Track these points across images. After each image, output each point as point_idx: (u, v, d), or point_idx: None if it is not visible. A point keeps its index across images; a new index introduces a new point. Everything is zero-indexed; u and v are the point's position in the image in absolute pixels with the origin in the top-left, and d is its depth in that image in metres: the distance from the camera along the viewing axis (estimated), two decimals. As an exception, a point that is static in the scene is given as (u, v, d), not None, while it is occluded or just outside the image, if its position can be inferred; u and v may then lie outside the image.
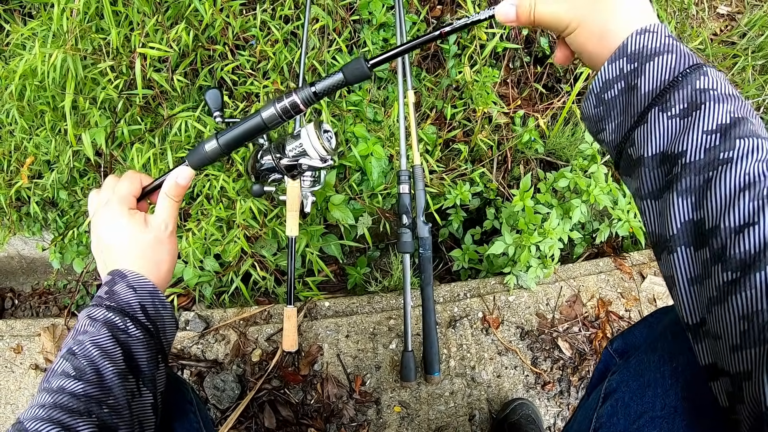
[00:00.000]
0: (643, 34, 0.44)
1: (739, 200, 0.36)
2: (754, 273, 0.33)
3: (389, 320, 1.19)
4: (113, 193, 0.57)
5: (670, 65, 0.42)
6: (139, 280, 0.54)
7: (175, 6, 1.22)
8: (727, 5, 2.05)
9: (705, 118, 0.40)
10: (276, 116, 0.51)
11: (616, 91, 0.45)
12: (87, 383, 0.47)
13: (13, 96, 1.27)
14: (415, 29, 1.26)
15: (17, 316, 1.67)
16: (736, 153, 0.38)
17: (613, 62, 0.45)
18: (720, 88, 0.41)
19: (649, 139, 0.43)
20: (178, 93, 1.20)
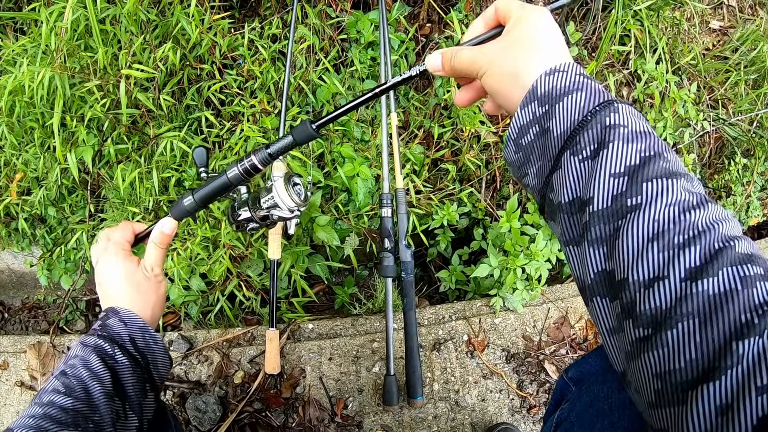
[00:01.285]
0: (553, 74, 0.42)
1: (647, 252, 0.34)
2: (665, 331, 0.32)
3: (373, 343, 1.18)
4: (109, 241, 0.65)
5: (580, 104, 0.41)
6: (130, 316, 0.61)
7: (162, 25, 1.23)
8: (719, 20, 2.04)
9: (612, 159, 0.38)
10: (239, 176, 0.59)
11: (532, 136, 0.44)
12: (75, 399, 0.51)
13: (3, 112, 1.27)
14: (403, 48, 1.26)
15: (7, 330, 1.67)
16: (644, 198, 0.36)
17: (525, 106, 0.43)
18: (631, 124, 0.39)
19: (564, 185, 0.41)
20: (165, 112, 1.20)
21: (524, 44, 0.44)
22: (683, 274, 0.32)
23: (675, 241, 0.33)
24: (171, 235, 0.65)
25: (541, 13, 0.46)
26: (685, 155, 1.59)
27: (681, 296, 0.32)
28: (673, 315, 0.32)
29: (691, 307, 0.31)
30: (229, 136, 1.19)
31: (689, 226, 0.34)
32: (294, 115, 1.16)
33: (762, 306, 0.30)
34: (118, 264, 0.63)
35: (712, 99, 1.86)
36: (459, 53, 0.48)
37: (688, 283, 0.32)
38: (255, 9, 1.30)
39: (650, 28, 1.60)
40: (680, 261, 0.33)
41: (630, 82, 1.58)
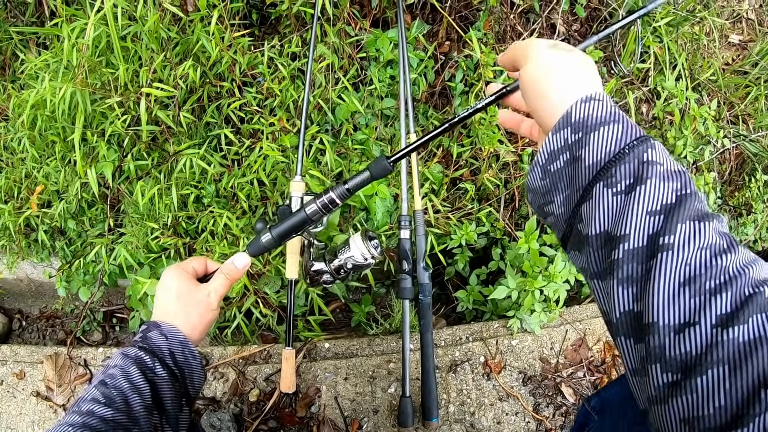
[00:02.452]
0: (588, 102, 0.42)
1: (679, 296, 0.34)
2: (695, 377, 0.32)
3: (389, 363, 1.17)
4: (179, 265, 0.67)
5: (616, 136, 0.40)
6: (171, 330, 0.61)
7: (183, 42, 1.24)
8: (738, 34, 2.01)
9: (649, 196, 0.37)
10: (317, 211, 0.61)
11: (562, 163, 0.43)
12: (116, 411, 0.52)
13: (25, 125, 1.29)
14: (422, 66, 1.26)
15: (24, 338, 1.69)
16: (677, 239, 0.35)
17: (558, 132, 0.43)
18: (667, 163, 0.39)
19: (594, 217, 0.40)
20: (185, 129, 1.21)
21: (559, 69, 0.45)
22: (714, 321, 0.32)
23: (707, 287, 0.33)
24: (242, 271, 0.66)
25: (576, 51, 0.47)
26: (706, 173, 1.57)
27: (712, 343, 0.32)
28: (704, 362, 0.31)
29: (722, 354, 0.31)
30: (249, 154, 1.19)
31: (721, 271, 0.34)
32: (313, 134, 1.17)
33: None
34: (175, 280, 0.64)
35: (732, 115, 1.83)
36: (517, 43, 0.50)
37: (719, 330, 0.32)
38: (275, 27, 1.31)
39: (669, 45, 1.59)
40: (712, 307, 0.32)
41: (650, 99, 1.57)
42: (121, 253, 1.24)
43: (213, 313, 0.66)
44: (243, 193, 1.18)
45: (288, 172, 1.18)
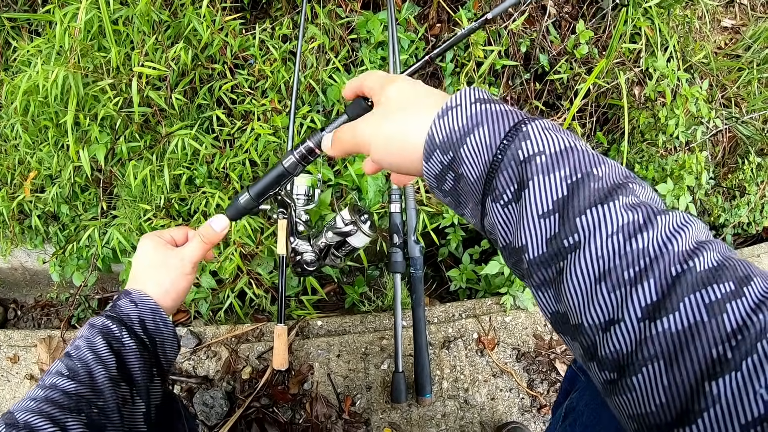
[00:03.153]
0: (446, 114, 0.38)
1: (596, 294, 0.31)
2: (630, 376, 0.29)
3: (381, 340, 1.18)
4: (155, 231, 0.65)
5: (485, 142, 0.36)
6: (142, 297, 0.58)
7: (174, 26, 1.24)
8: (731, 18, 2.02)
9: (536, 199, 0.33)
10: (295, 163, 0.56)
11: (451, 182, 0.39)
12: (79, 383, 0.50)
13: (18, 111, 1.29)
14: (413, 48, 1.26)
15: (20, 327, 1.69)
16: (582, 235, 0.31)
17: (429, 158, 0.39)
18: (548, 146, 0.34)
19: (495, 231, 0.37)
20: (177, 111, 1.22)
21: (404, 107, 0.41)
22: (640, 314, 0.29)
23: (625, 278, 0.30)
24: (220, 234, 0.62)
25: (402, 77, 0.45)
26: (698, 153, 1.57)
27: (641, 339, 0.29)
28: (636, 359, 0.29)
29: (653, 349, 0.28)
30: (240, 135, 1.20)
31: (639, 255, 0.30)
32: (304, 113, 1.17)
33: (735, 335, 0.26)
34: (149, 247, 0.61)
35: (725, 97, 1.83)
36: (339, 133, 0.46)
37: (647, 323, 0.29)
38: (266, 10, 1.31)
39: (661, 26, 1.59)
40: (634, 300, 0.29)
41: (641, 81, 1.57)
42: (114, 235, 1.25)
43: (187, 278, 0.62)
44: (235, 174, 1.18)
45: (280, 152, 1.18)
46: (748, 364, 0.25)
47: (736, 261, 0.30)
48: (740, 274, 0.29)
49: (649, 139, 1.57)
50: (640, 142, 1.57)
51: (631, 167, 1.53)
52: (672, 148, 1.62)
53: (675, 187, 1.48)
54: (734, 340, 0.26)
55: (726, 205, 1.81)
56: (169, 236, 0.65)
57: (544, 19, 1.36)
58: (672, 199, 1.47)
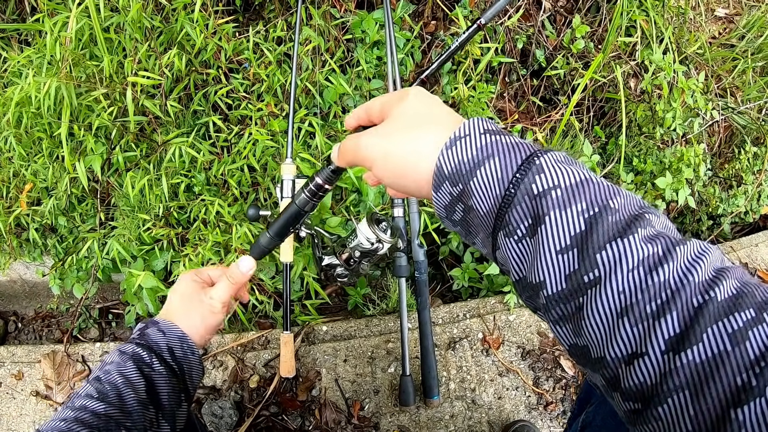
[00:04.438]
0: (454, 145, 0.36)
1: (619, 329, 0.30)
2: (656, 407, 0.29)
3: (387, 343, 1.17)
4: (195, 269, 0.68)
5: (496, 176, 0.35)
6: (169, 327, 0.61)
7: (167, 31, 1.23)
8: (724, 8, 2.02)
9: (554, 234, 0.33)
10: (307, 200, 0.57)
11: (461, 213, 0.39)
12: (108, 405, 0.51)
13: (11, 124, 1.28)
14: (409, 46, 1.25)
15: (20, 340, 1.67)
16: (602, 271, 0.31)
17: (438, 189, 0.38)
18: (563, 180, 0.33)
19: (509, 265, 0.37)
20: (172, 118, 1.20)
21: (412, 126, 0.40)
22: (664, 347, 0.29)
23: (647, 311, 0.30)
24: (247, 274, 0.65)
25: (417, 90, 0.43)
26: (695, 145, 1.58)
27: (666, 371, 0.29)
28: (661, 391, 0.29)
29: (679, 381, 0.28)
30: (238, 140, 1.19)
31: (660, 288, 0.30)
32: (302, 117, 1.16)
33: (758, 362, 0.27)
34: (183, 283, 0.65)
35: (720, 88, 1.84)
36: (343, 146, 0.45)
37: (671, 356, 0.29)
38: (259, 12, 1.30)
39: (656, 18, 1.59)
40: (657, 333, 0.29)
41: (637, 74, 1.57)
42: (114, 246, 1.23)
43: (215, 317, 0.65)
44: (234, 180, 1.17)
45: (278, 156, 1.17)
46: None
47: (753, 286, 0.30)
48: (759, 300, 0.29)
49: (646, 132, 1.57)
50: (637, 135, 1.57)
51: (629, 160, 1.53)
52: (669, 140, 1.62)
53: (674, 180, 1.48)
54: (758, 368, 0.27)
55: (723, 195, 1.81)
56: (206, 275, 0.68)
57: (539, 14, 1.36)
58: (671, 192, 1.48)
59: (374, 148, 0.41)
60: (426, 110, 0.41)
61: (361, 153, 0.42)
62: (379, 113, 0.45)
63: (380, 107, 0.44)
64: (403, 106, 0.41)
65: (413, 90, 0.43)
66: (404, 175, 0.40)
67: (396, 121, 0.41)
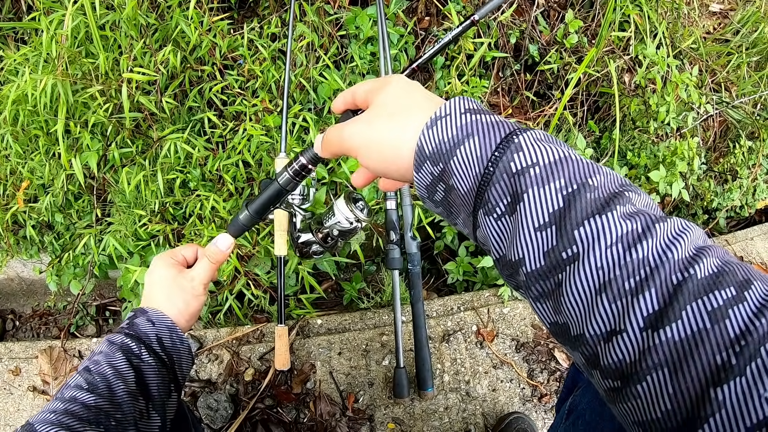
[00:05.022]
0: (434, 125, 0.37)
1: (597, 306, 0.31)
2: (634, 384, 0.29)
3: (382, 336, 1.18)
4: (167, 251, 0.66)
5: (476, 154, 0.35)
6: (159, 316, 0.61)
7: (162, 28, 1.23)
8: (719, 3, 2.02)
9: (532, 211, 0.33)
10: (290, 179, 0.57)
11: (442, 192, 0.39)
12: (98, 396, 0.51)
13: (7, 121, 1.28)
14: (402, 42, 1.26)
15: (18, 338, 1.68)
16: (581, 247, 0.31)
17: (420, 169, 0.38)
18: (542, 157, 0.34)
19: (488, 244, 0.37)
20: (168, 115, 1.21)
21: (393, 112, 0.40)
22: (642, 324, 0.29)
23: (626, 288, 0.30)
24: (225, 252, 0.64)
25: (399, 78, 0.44)
26: (689, 139, 1.58)
27: (644, 348, 0.29)
28: (640, 368, 0.29)
29: (657, 358, 0.28)
30: (233, 136, 1.19)
31: (639, 264, 0.30)
32: (296, 112, 1.17)
33: (738, 340, 0.27)
34: (161, 267, 0.63)
35: (715, 82, 1.84)
36: (327, 135, 0.45)
37: (650, 333, 0.29)
38: (253, 9, 1.30)
39: (649, 13, 1.59)
40: (636, 310, 0.29)
41: (631, 68, 1.58)
42: (110, 242, 1.24)
43: (198, 299, 0.64)
44: (229, 176, 1.18)
45: (273, 152, 1.18)
46: (752, 368, 0.26)
47: (735, 265, 0.30)
48: (740, 279, 0.29)
49: (640, 126, 1.58)
50: (631, 129, 1.57)
51: (623, 154, 1.54)
52: (663, 134, 1.63)
53: (668, 173, 1.49)
54: (738, 346, 0.26)
55: (718, 189, 1.82)
56: (180, 256, 0.67)
57: (532, 9, 1.37)
58: (665, 185, 1.48)
59: (357, 136, 0.42)
60: (407, 97, 0.41)
61: (346, 143, 0.43)
62: (363, 99, 0.45)
63: (363, 94, 0.45)
64: (384, 94, 0.42)
65: (394, 78, 0.44)
66: (389, 161, 0.40)
67: (378, 109, 0.42)
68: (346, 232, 0.78)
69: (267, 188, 0.59)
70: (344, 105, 0.48)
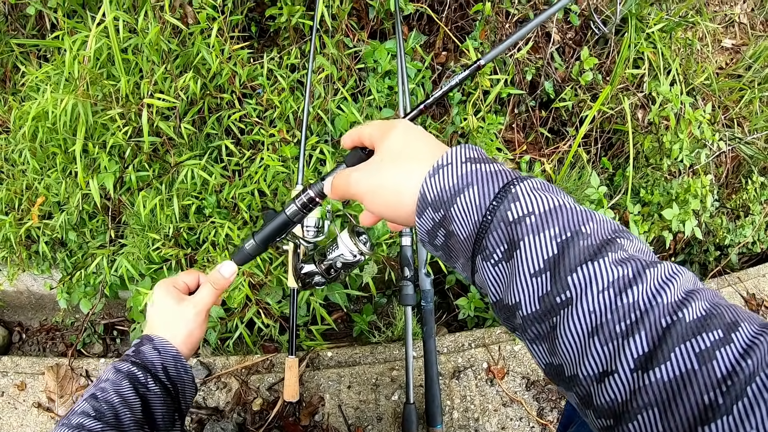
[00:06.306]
0: (437, 173, 0.39)
1: (590, 348, 0.32)
2: (626, 423, 0.30)
3: (392, 371, 1.18)
4: (168, 278, 0.67)
5: (475, 202, 0.37)
6: (164, 345, 0.62)
7: (183, 55, 1.25)
8: (731, 38, 2.04)
9: (528, 258, 0.34)
10: (297, 211, 0.58)
11: (443, 237, 0.40)
12: (105, 424, 0.52)
13: (26, 137, 1.30)
14: (420, 77, 1.27)
15: (24, 351, 1.68)
16: (574, 292, 0.33)
17: (422, 214, 0.40)
18: (537, 207, 0.35)
19: (486, 287, 0.38)
20: (186, 140, 1.22)
21: (397, 160, 0.42)
22: (633, 365, 0.30)
23: (617, 331, 0.31)
24: (228, 279, 0.65)
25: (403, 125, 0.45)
26: (702, 176, 1.59)
27: (635, 389, 0.30)
28: (631, 408, 0.30)
29: (647, 398, 0.29)
30: (249, 165, 1.20)
31: (630, 308, 0.31)
32: (313, 144, 1.18)
33: (725, 380, 0.28)
34: (162, 295, 0.64)
35: (728, 118, 1.85)
36: (336, 180, 0.47)
37: (640, 374, 0.30)
38: (273, 39, 1.32)
39: (663, 50, 1.61)
40: (627, 352, 0.30)
41: (645, 105, 1.59)
42: (123, 264, 1.25)
43: (201, 327, 0.65)
44: (244, 204, 1.18)
45: (289, 182, 1.19)
46: (738, 407, 0.27)
47: (723, 308, 0.31)
48: (728, 321, 0.30)
49: (653, 164, 1.58)
50: (644, 166, 1.58)
51: (637, 192, 1.54)
52: (677, 171, 1.63)
53: (681, 211, 1.49)
54: (725, 386, 0.28)
55: (731, 226, 1.81)
56: (182, 283, 0.67)
57: (548, 46, 1.38)
58: (678, 223, 1.48)
59: (363, 182, 0.44)
60: (409, 144, 0.43)
61: (352, 189, 0.45)
62: (368, 141, 0.48)
63: (369, 137, 0.47)
64: (388, 142, 0.44)
65: (398, 124, 0.46)
66: (392, 207, 0.43)
67: (382, 156, 0.44)
68: (349, 265, 0.78)
69: (274, 219, 0.60)
70: (352, 143, 0.50)
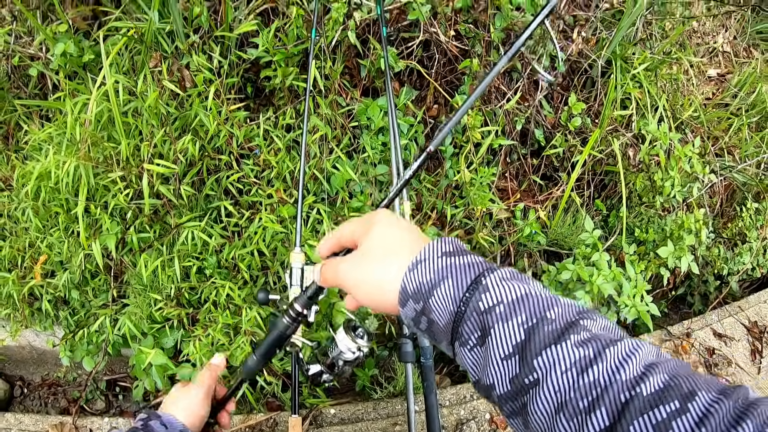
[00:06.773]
0: (415, 268, 0.43)
1: (557, 423, 0.35)
2: None
3: (395, 426, 1.18)
4: None
5: (450, 295, 0.41)
6: (171, 421, 0.68)
7: (181, 117, 1.29)
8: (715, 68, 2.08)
9: (498, 344, 0.38)
10: (288, 325, 0.62)
11: (426, 323, 0.44)
12: None
13: (29, 196, 1.32)
14: (413, 131, 1.30)
15: (26, 405, 1.68)
16: (540, 374, 0.36)
17: (404, 305, 0.44)
18: (506, 296, 0.39)
19: (466, 368, 0.42)
20: (185, 202, 1.25)
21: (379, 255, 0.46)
22: None
23: (580, 407, 0.34)
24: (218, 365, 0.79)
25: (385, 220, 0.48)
26: (696, 210, 1.61)
27: None
28: None
29: None
30: (248, 225, 1.23)
31: (591, 386, 0.34)
32: (310, 203, 1.20)
33: None
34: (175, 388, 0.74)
35: (717, 148, 1.88)
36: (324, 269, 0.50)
37: None
38: (269, 99, 1.36)
39: (649, 88, 1.64)
40: (589, 426, 0.34)
41: (634, 144, 1.62)
42: (125, 323, 1.26)
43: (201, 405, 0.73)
44: (244, 264, 1.20)
45: (287, 241, 1.21)
46: None
47: (683, 378, 0.34)
48: (685, 391, 0.33)
49: (647, 201, 1.60)
50: (638, 205, 1.60)
51: (632, 231, 1.56)
52: (670, 206, 1.66)
53: (676, 248, 1.50)
54: None
55: (728, 255, 1.83)
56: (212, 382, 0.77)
57: (536, 94, 1.42)
58: (674, 260, 1.50)
59: (348, 275, 0.47)
60: (391, 238, 0.47)
61: (339, 279, 0.48)
62: (350, 239, 0.50)
63: (350, 235, 0.50)
64: (370, 238, 0.47)
65: (380, 220, 0.48)
66: (375, 299, 0.46)
67: (365, 250, 0.47)
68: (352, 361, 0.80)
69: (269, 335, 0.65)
70: (329, 251, 0.52)
